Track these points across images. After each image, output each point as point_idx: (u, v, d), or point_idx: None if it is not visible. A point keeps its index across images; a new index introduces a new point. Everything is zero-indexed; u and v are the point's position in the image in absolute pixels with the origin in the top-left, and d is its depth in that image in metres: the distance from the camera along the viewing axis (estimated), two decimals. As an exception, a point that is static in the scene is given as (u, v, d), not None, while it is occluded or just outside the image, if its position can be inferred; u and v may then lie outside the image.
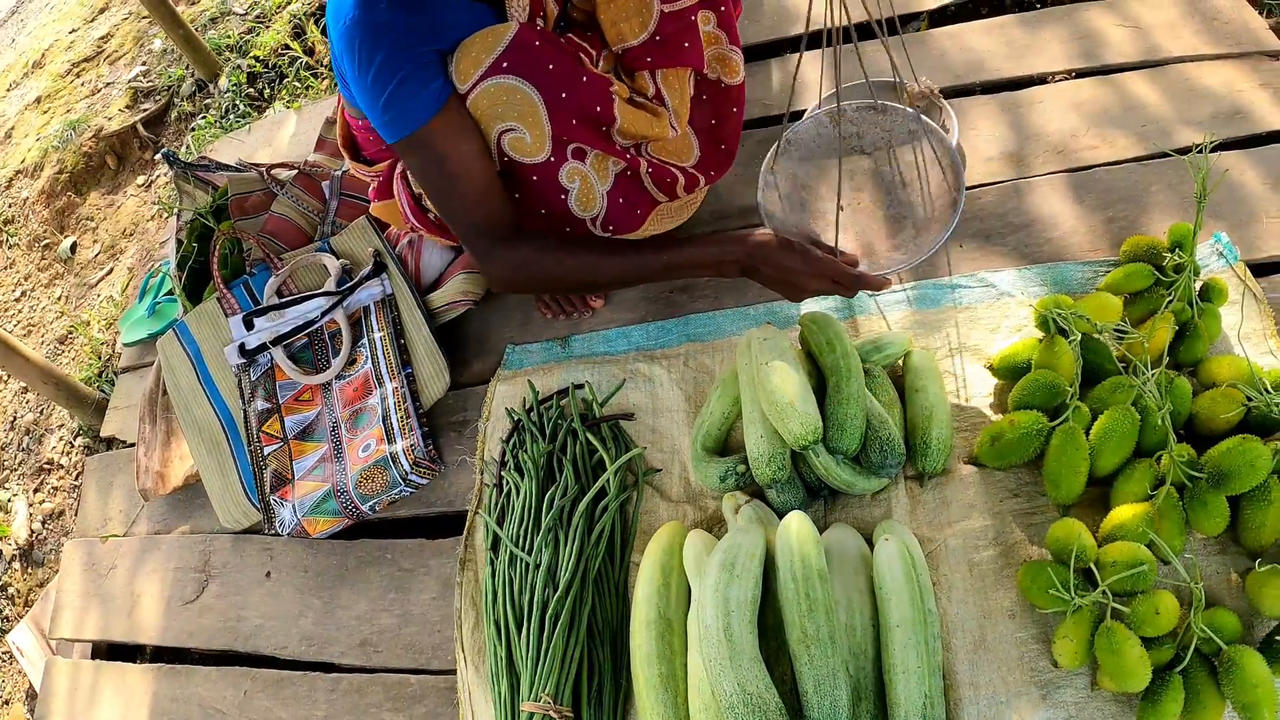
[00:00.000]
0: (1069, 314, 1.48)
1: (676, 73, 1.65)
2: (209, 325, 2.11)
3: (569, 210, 1.62)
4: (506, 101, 1.47)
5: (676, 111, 1.65)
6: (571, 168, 1.57)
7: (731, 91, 1.77)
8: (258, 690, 1.80)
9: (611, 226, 1.69)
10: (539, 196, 1.60)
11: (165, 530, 2.15)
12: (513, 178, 1.57)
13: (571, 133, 1.53)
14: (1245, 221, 1.72)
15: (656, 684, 1.36)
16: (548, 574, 1.50)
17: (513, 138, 1.50)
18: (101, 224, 3.51)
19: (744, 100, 1.82)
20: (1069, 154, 1.90)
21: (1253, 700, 1.17)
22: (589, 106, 1.53)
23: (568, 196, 1.60)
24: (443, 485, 1.85)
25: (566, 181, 1.58)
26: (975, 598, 1.40)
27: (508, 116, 1.48)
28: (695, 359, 1.80)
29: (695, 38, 1.63)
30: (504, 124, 1.48)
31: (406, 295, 1.97)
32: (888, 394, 1.56)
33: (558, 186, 1.58)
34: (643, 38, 1.58)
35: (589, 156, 1.59)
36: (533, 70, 1.47)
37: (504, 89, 1.46)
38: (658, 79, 1.64)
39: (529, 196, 1.60)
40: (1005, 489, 1.48)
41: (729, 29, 1.73)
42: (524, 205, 1.62)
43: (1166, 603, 1.23)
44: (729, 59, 1.74)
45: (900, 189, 1.70)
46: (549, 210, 1.62)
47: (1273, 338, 1.56)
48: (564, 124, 1.51)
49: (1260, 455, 1.28)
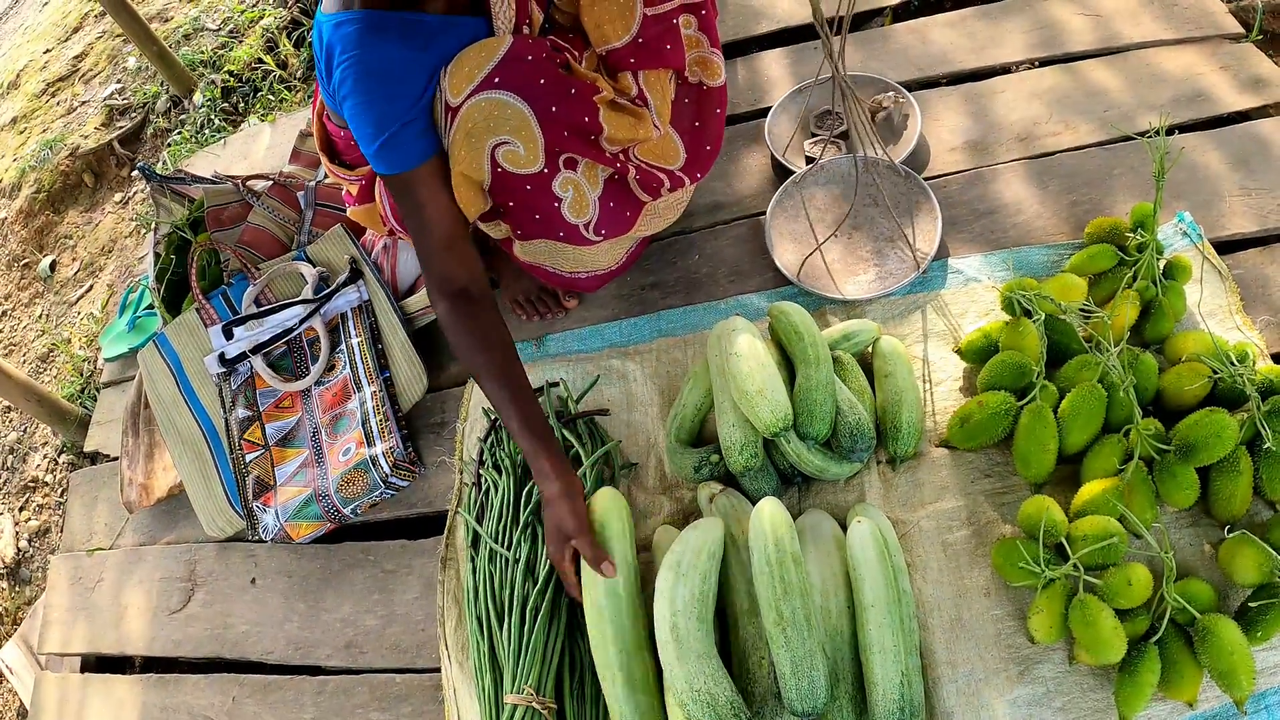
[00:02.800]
0: (1033, 295, 1.50)
1: (658, 74, 1.67)
2: (188, 336, 2.12)
3: (562, 217, 1.64)
4: (498, 116, 1.48)
5: (659, 112, 1.68)
6: (564, 177, 1.59)
7: (713, 93, 1.79)
8: (246, 696, 1.80)
9: (604, 230, 1.71)
10: (533, 206, 1.62)
11: (151, 541, 2.15)
12: (506, 189, 1.58)
13: (563, 144, 1.56)
14: (1209, 201, 1.74)
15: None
16: (527, 568, 1.51)
17: (507, 150, 1.52)
18: (80, 242, 3.51)
19: (725, 101, 1.84)
20: (1032, 141, 1.92)
21: (1229, 667, 1.19)
22: (578, 118, 1.55)
23: (560, 205, 1.62)
24: (423, 486, 1.86)
25: (560, 191, 1.61)
26: (950, 577, 1.41)
27: (500, 130, 1.50)
28: (668, 354, 1.82)
29: (677, 40, 1.66)
30: (497, 137, 1.50)
31: (383, 300, 1.98)
32: (857, 381, 1.58)
33: (551, 196, 1.60)
34: (626, 40, 1.60)
35: (580, 165, 1.61)
36: (523, 85, 1.49)
37: (495, 104, 1.48)
38: (640, 80, 1.66)
39: (522, 205, 1.62)
40: (977, 469, 1.50)
41: (709, 31, 1.75)
42: (518, 214, 1.64)
43: (1139, 574, 1.24)
44: (710, 61, 1.76)
45: (885, 241, 1.83)
46: (543, 218, 1.64)
47: (1238, 313, 1.59)
48: (556, 136, 1.54)
49: (1227, 426, 1.30)
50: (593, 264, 1.82)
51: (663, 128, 1.69)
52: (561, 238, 1.69)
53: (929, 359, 1.66)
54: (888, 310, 1.73)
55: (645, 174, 1.70)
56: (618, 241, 1.82)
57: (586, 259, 1.80)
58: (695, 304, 1.88)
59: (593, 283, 1.89)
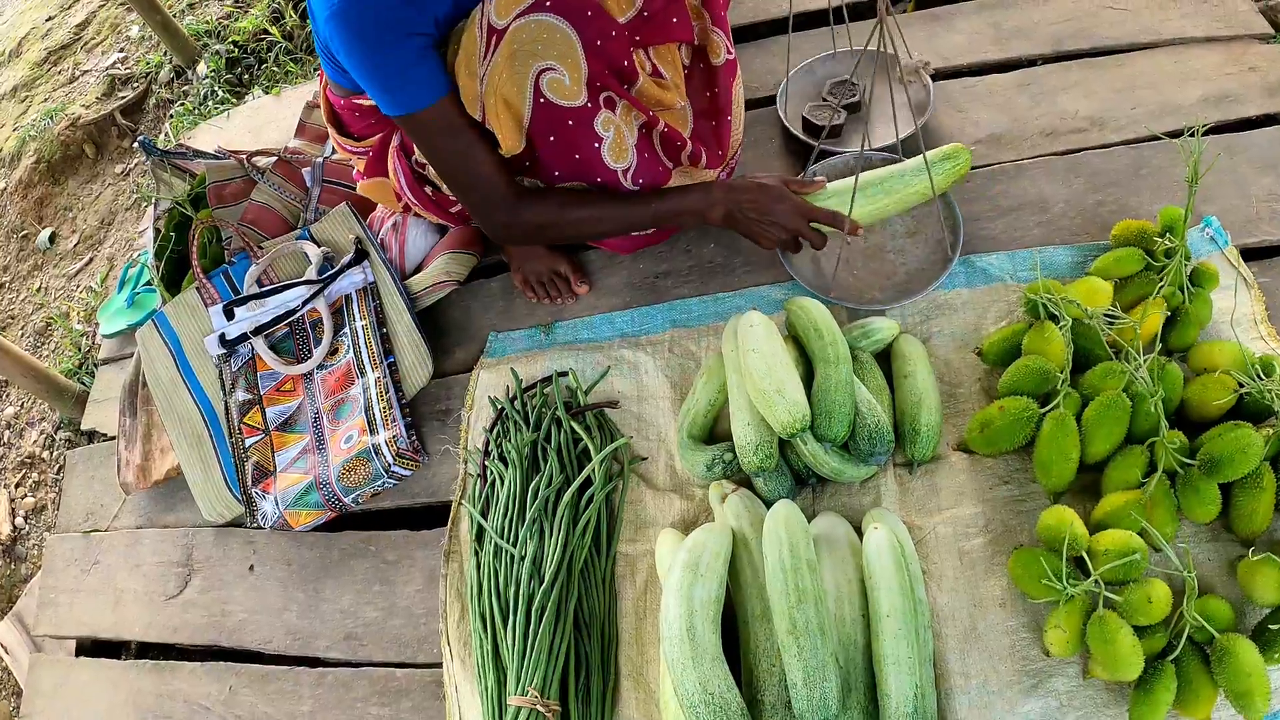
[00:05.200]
0: (1059, 299, 1.47)
1: (668, 47, 1.66)
2: (188, 315, 2.08)
3: (601, 160, 1.59)
4: (546, 40, 1.44)
5: (675, 84, 1.66)
6: (606, 116, 1.56)
7: (715, 72, 1.76)
8: (243, 686, 1.78)
9: (641, 180, 1.67)
10: (574, 143, 1.57)
11: (148, 524, 2.13)
12: (548, 123, 1.54)
13: (605, 80, 1.52)
14: (1235, 206, 1.71)
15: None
16: (533, 565, 1.49)
17: (551, 78, 1.47)
18: (80, 214, 3.47)
19: (731, 82, 1.81)
20: (1058, 137, 1.89)
21: (1246, 689, 1.17)
22: (618, 59, 1.53)
23: (601, 145, 1.57)
24: (426, 476, 1.83)
25: (601, 130, 1.56)
26: (966, 586, 1.39)
27: (547, 55, 1.45)
28: (680, 345, 1.78)
29: (683, 12, 1.64)
30: (543, 62, 1.45)
31: (388, 283, 1.94)
32: (876, 380, 1.55)
33: (593, 134, 1.56)
34: (630, 15, 1.57)
35: (618, 107, 1.57)
36: (574, 11, 1.45)
37: (545, 26, 1.44)
38: (651, 55, 1.63)
39: (563, 143, 1.57)
40: (995, 476, 1.47)
41: (713, 9, 1.73)
42: (556, 153, 1.59)
43: (1159, 591, 1.22)
44: (710, 38, 1.74)
45: (903, 235, 1.81)
46: (582, 157, 1.59)
47: (1263, 323, 1.56)
48: (598, 70, 1.50)
49: (1252, 442, 1.27)
50: None
51: (683, 99, 1.69)
52: (599, 184, 1.65)
53: (949, 360, 1.62)
54: (907, 308, 1.70)
55: (670, 132, 1.67)
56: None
57: None
58: (709, 294, 1.84)
59: (627, 243, 1.86)
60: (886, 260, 1.78)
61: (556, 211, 1.64)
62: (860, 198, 1.66)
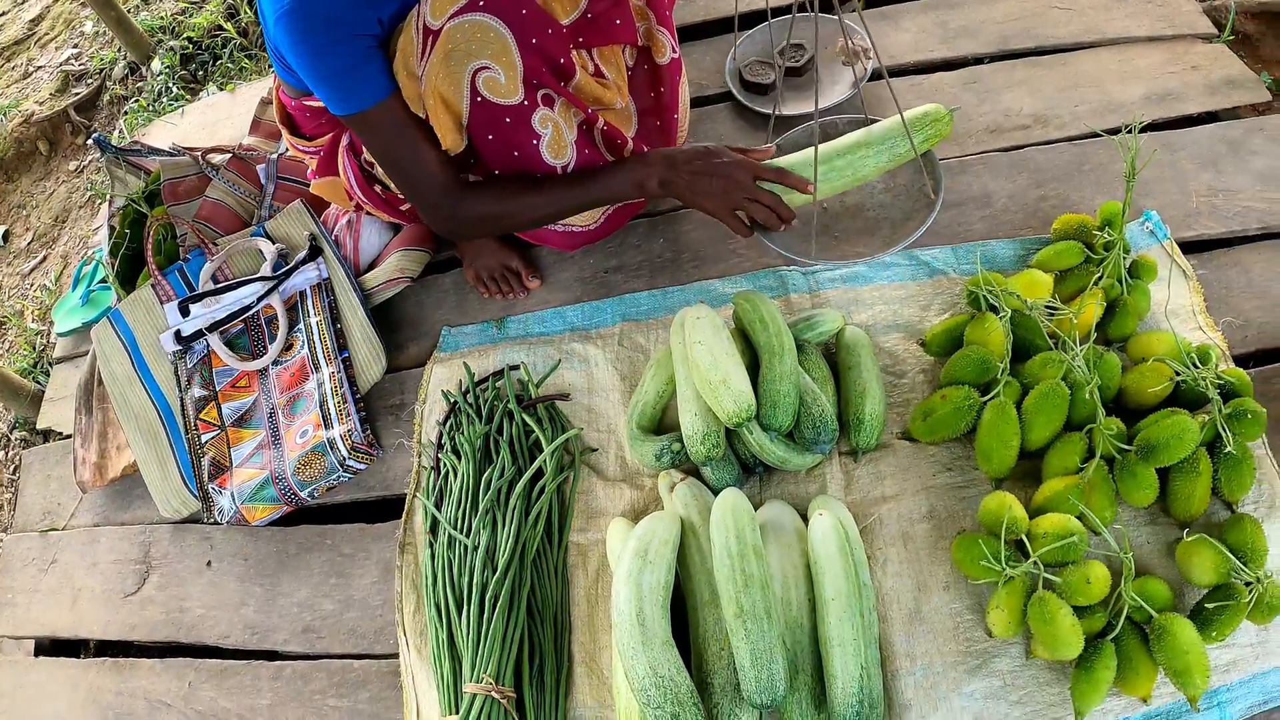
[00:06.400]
0: (1000, 290, 1.50)
1: (611, 49, 1.67)
2: (144, 312, 2.07)
3: (540, 156, 1.61)
4: (480, 39, 1.45)
5: (617, 85, 1.66)
6: (544, 114, 1.57)
7: (659, 70, 1.78)
8: (202, 681, 1.77)
9: None
10: (513, 140, 1.58)
11: (105, 522, 2.11)
12: (486, 121, 1.55)
13: (541, 78, 1.53)
14: (1175, 201, 1.75)
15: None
16: (486, 555, 1.50)
17: (487, 77, 1.48)
18: (33, 211, 3.42)
19: (677, 80, 1.82)
20: (1002, 134, 1.92)
21: (1184, 666, 1.20)
22: (554, 56, 1.53)
23: (540, 142, 1.59)
24: (381, 470, 1.84)
25: (539, 127, 1.57)
26: (910, 570, 1.42)
27: (482, 54, 1.46)
28: (630, 338, 1.80)
29: (626, 13, 1.65)
30: (478, 61, 1.46)
31: (342, 279, 1.95)
32: (821, 371, 1.58)
33: (531, 131, 1.57)
34: (574, 16, 1.58)
35: (556, 105, 1.58)
36: (507, 10, 1.46)
37: (478, 26, 1.45)
38: (594, 55, 1.64)
39: (502, 140, 1.58)
40: (938, 463, 1.51)
41: (657, 9, 1.75)
42: (495, 151, 1.61)
43: (1097, 572, 1.25)
44: (655, 38, 1.76)
45: (882, 191, 1.75)
46: (521, 154, 1.61)
47: (1201, 314, 1.60)
48: (534, 68, 1.51)
49: (1188, 428, 1.30)
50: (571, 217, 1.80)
51: (624, 99, 1.70)
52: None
53: (893, 351, 1.65)
54: (851, 300, 1.73)
55: (610, 129, 1.68)
56: None
57: None
58: (658, 288, 1.86)
59: (568, 240, 1.86)
60: (866, 217, 1.74)
61: (497, 202, 1.64)
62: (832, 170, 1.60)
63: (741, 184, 1.55)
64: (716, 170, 1.56)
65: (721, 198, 1.57)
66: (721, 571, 1.29)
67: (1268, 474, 1.42)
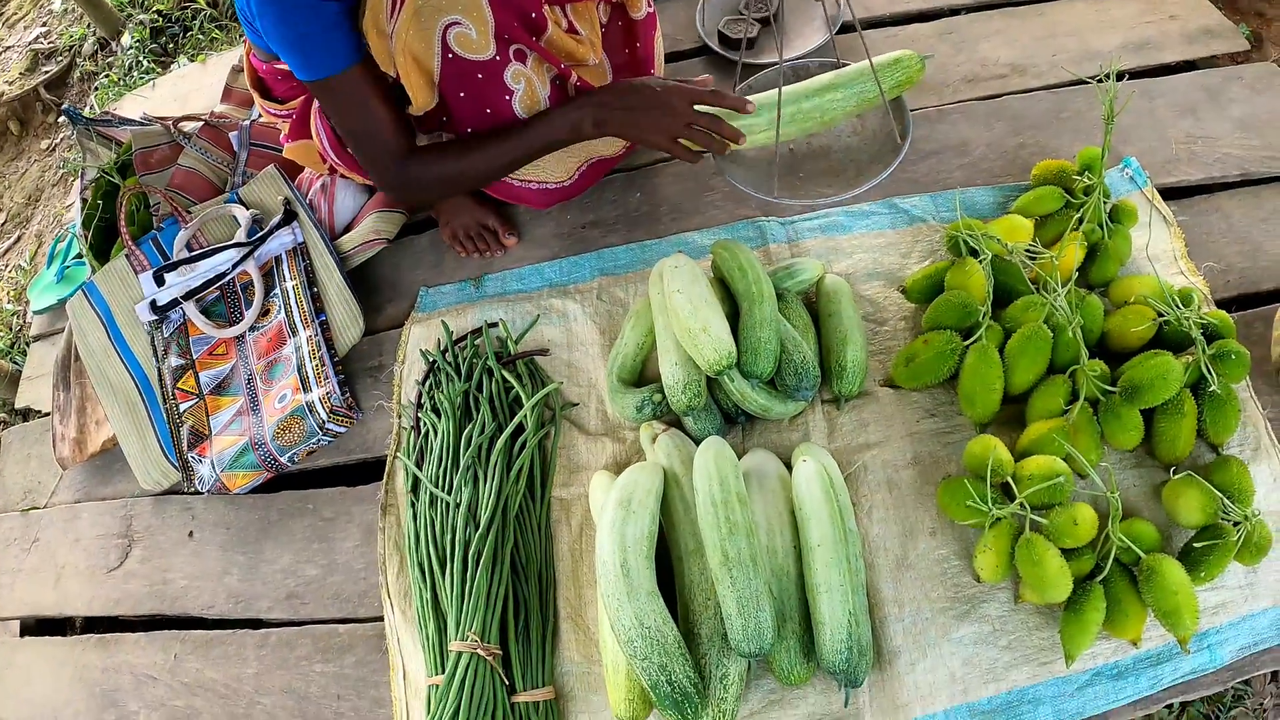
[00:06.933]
0: (979, 235, 1.49)
1: (585, 4, 1.64)
2: (118, 284, 2.04)
3: (513, 111, 1.60)
4: None
5: (590, 41, 1.64)
6: (516, 69, 1.55)
7: (634, 26, 1.76)
8: (187, 653, 1.76)
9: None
10: (484, 97, 1.57)
11: (86, 498, 2.09)
12: (457, 77, 1.54)
13: (513, 33, 1.51)
14: (1154, 148, 1.75)
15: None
16: (468, 513, 1.49)
17: (459, 32, 1.46)
18: (6, 192, 3.39)
19: (652, 35, 1.81)
20: (979, 83, 1.91)
21: (1173, 607, 1.19)
22: (526, 10, 1.52)
23: (512, 98, 1.58)
24: (361, 432, 1.82)
25: (512, 82, 1.56)
26: (896, 516, 1.41)
27: (453, 9, 1.44)
28: (608, 292, 1.79)
29: None
30: (448, 17, 1.44)
31: (318, 242, 1.92)
32: (801, 319, 1.56)
33: (503, 87, 1.56)
34: None
35: (529, 60, 1.57)
36: None
37: None
38: (568, 12, 1.62)
39: (474, 96, 1.57)
40: (922, 409, 1.50)
41: None
42: (467, 108, 1.59)
43: (1084, 513, 1.24)
44: None
45: (850, 135, 1.72)
46: (494, 111, 1.60)
47: (1183, 259, 1.60)
48: (506, 22, 1.49)
49: (1172, 368, 1.30)
50: (543, 173, 1.78)
51: (598, 56, 1.68)
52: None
53: (873, 299, 1.64)
54: (831, 250, 1.72)
55: (584, 85, 1.67)
56: (568, 150, 1.77)
57: (536, 164, 1.75)
58: (636, 241, 1.85)
59: (541, 197, 1.84)
60: (833, 159, 1.70)
61: (439, 163, 1.63)
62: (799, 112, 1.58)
63: (678, 110, 1.50)
64: (651, 102, 1.51)
65: (660, 128, 1.52)
66: (705, 519, 1.28)
67: (1252, 416, 1.42)
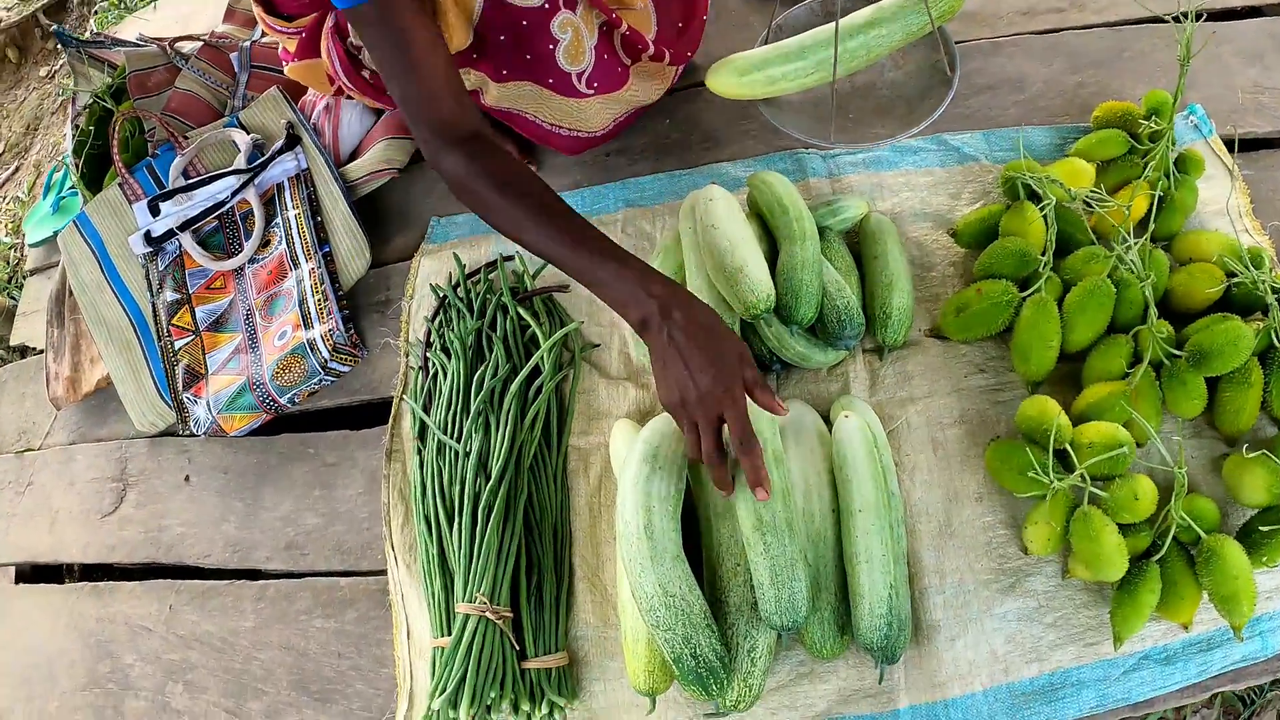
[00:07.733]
0: (1041, 178, 1.38)
1: None
2: (111, 215, 1.97)
3: (556, 61, 1.52)
4: None
5: None
6: (564, 17, 1.47)
7: None
8: (184, 604, 1.71)
9: (596, 83, 1.59)
10: (526, 45, 1.50)
11: (80, 439, 2.04)
12: (500, 24, 1.46)
13: None
14: (1219, 95, 1.65)
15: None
16: (479, 462, 1.40)
17: None
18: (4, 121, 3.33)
19: None
20: (1035, 16, 1.82)
21: (1232, 592, 1.12)
22: None
23: (557, 48, 1.50)
24: (365, 372, 1.74)
25: (559, 32, 1.48)
26: (940, 479, 1.33)
27: None
28: (634, 224, 1.69)
29: None
30: None
31: (322, 169, 1.83)
32: (844, 260, 1.47)
33: (549, 35, 1.48)
34: None
35: (579, 7, 1.48)
36: None
37: None
38: None
39: (514, 42, 1.49)
40: (970, 364, 1.41)
41: None
42: (505, 53, 1.51)
43: (1145, 487, 1.17)
44: None
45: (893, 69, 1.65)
46: (534, 59, 1.51)
47: (1248, 216, 1.50)
48: None
49: (1243, 335, 1.22)
50: (579, 122, 1.67)
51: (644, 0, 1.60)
52: (551, 85, 1.56)
53: (920, 242, 1.54)
54: (875, 186, 1.61)
55: (633, 34, 1.58)
56: (610, 101, 1.67)
57: (573, 114, 1.65)
58: (665, 171, 1.76)
59: (571, 144, 1.73)
60: (879, 96, 1.63)
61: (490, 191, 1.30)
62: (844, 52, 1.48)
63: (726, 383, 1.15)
64: (710, 359, 1.15)
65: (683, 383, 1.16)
66: (739, 478, 1.19)
67: (1322, 391, 1.32)
